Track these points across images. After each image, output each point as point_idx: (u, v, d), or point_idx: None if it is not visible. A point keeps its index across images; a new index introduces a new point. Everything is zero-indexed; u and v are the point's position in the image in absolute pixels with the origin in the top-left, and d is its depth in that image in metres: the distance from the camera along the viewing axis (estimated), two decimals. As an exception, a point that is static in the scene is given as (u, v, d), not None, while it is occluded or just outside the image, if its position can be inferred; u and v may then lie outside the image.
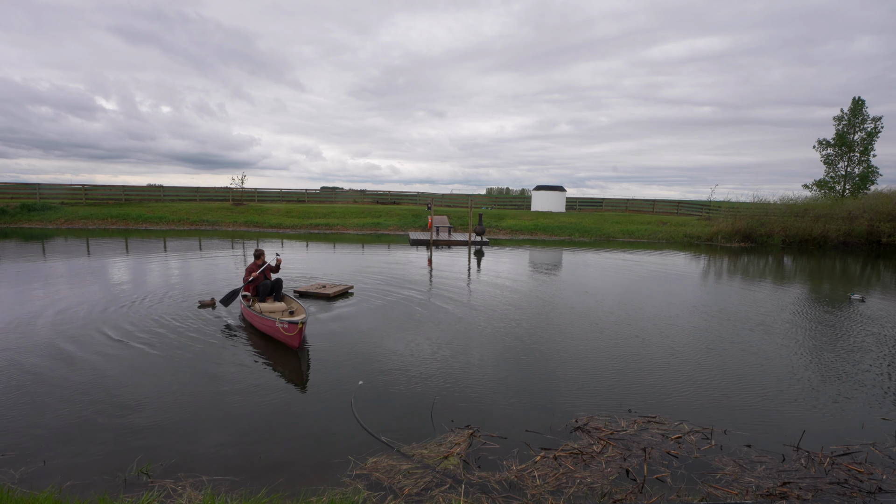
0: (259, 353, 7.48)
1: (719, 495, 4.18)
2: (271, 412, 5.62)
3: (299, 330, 7.40)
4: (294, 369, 6.92)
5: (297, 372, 6.85)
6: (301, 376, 6.69)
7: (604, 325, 9.53)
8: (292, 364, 7.12)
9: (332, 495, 4.02)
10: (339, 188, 52.10)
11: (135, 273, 14.14)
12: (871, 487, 4.33)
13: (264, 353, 7.51)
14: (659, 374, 6.99)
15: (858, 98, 35.28)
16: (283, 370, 6.86)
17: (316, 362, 7.20)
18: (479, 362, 7.32)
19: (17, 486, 4.06)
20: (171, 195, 36.46)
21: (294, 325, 7.41)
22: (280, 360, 7.24)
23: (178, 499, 3.94)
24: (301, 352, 7.57)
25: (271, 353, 7.48)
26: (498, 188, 78.58)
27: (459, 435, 5.08)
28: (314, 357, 7.40)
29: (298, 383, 6.46)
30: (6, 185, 34.78)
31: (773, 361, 7.67)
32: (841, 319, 10.59)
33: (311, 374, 6.77)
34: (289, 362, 7.17)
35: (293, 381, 6.52)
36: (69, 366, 6.77)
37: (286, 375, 6.69)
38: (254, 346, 7.79)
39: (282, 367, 6.98)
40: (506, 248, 23.62)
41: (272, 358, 7.31)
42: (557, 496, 4.13)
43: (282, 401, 5.90)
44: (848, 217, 27.24)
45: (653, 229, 30.19)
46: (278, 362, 7.14)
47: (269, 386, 6.32)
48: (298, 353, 7.48)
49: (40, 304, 10.02)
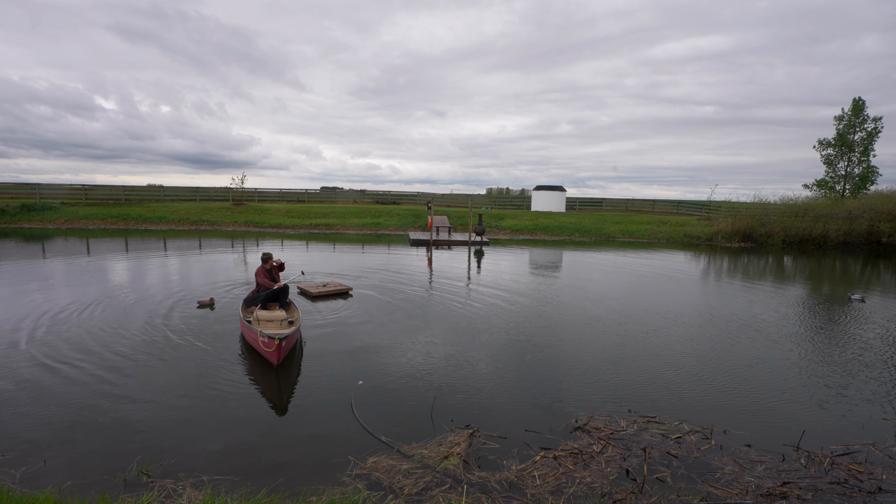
0: (260, 353, 7.46)
1: (719, 495, 4.18)
2: (271, 412, 5.62)
3: (277, 346, 6.47)
4: (295, 368, 6.91)
5: (297, 378, 6.83)
6: (281, 398, 5.98)
7: (604, 325, 9.53)
8: (293, 364, 7.10)
9: (332, 495, 4.02)
10: (339, 188, 52.11)
11: (134, 273, 14.13)
12: (871, 487, 4.33)
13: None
14: (659, 374, 6.99)
15: (859, 98, 35.31)
16: (283, 370, 6.86)
17: (316, 362, 7.19)
18: (479, 362, 7.32)
19: (17, 486, 4.06)
20: (171, 195, 36.45)
21: (271, 341, 6.49)
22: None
23: (178, 499, 3.94)
24: (281, 371, 6.66)
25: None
26: (498, 188, 78.54)
27: (459, 435, 5.08)
28: (314, 357, 7.39)
29: (298, 385, 6.46)
30: (6, 185, 34.76)
31: (772, 361, 7.67)
32: (841, 319, 10.59)
33: (311, 374, 6.76)
34: (289, 362, 7.15)
35: (294, 381, 6.51)
36: (69, 365, 6.76)
37: (287, 375, 6.69)
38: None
39: (282, 367, 6.97)
40: (506, 248, 23.62)
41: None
42: (557, 496, 4.13)
43: (282, 401, 5.90)
44: (848, 217, 27.25)
45: (653, 229, 30.18)
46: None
47: (270, 386, 6.32)
48: (277, 373, 6.60)
49: (39, 303, 10.01)
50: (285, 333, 6.67)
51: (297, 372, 6.83)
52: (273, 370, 6.69)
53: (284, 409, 5.73)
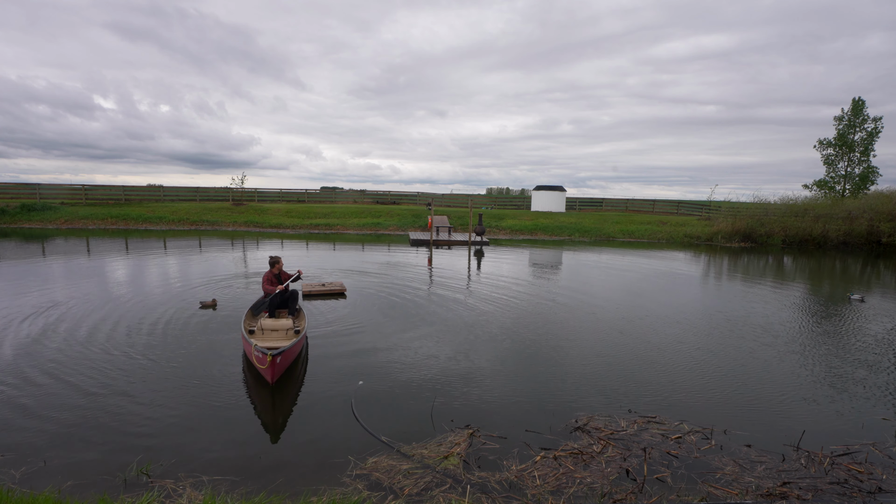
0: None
1: (719, 495, 4.18)
2: (272, 412, 5.62)
3: (271, 363, 5.83)
4: (299, 368, 6.90)
5: (297, 378, 6.82)
6: (281, 397, 5.83)
7: (603, 325, 9.53)
8: (293, 379, 7.01)
9: (332, 495, 4.02)
10: (339, 188, 52.11)
11: (135, 273, 14.14)
12: (871, 487, 4.33)
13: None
14: (659, 374, 6.99)
15: (859, 98, 35.35)
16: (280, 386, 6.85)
17: (316, 362, 7.19)
18: (480, 362, 7.32)
19: (17, 486, 4.06)
20: (171, 195, 36.44)
21: (264, 356, 5.84)
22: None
23: (178, 499, 3.94)
24: (276, 390, 6.06)
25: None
26: (498, 188, 78.57)
27: (459, 435, 5.08)
28: (314, 357, 7.39)
29: (298, 387, 6.45)
30: (6, 186, 34.75)
31: (772, 361, 7.67)
32: (840, 319, 10.59)
33: (311, 374, 6.76)
34: (289, 377, 7.13)
35: (294, 382, 6.51)
36: (69, 365, 6.76)
37: (287, 375, 6.68)
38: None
39: (279, 384, 6.95)
40: (506, 248, 23.62)
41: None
42: (557, 496, 4.13)
43: (282, 401, 5.90)
44: (848, 217, 27.25)
45: (653, 229, 30.19)
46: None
47: (270, 386, 6.31)
48: (272, 392, 6.04)
49: (39, 303, 10.01)
50: (281, 348, 6.10)
51: (296, 375, 6.81)
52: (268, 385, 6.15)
53: (285, 409, 5.72)
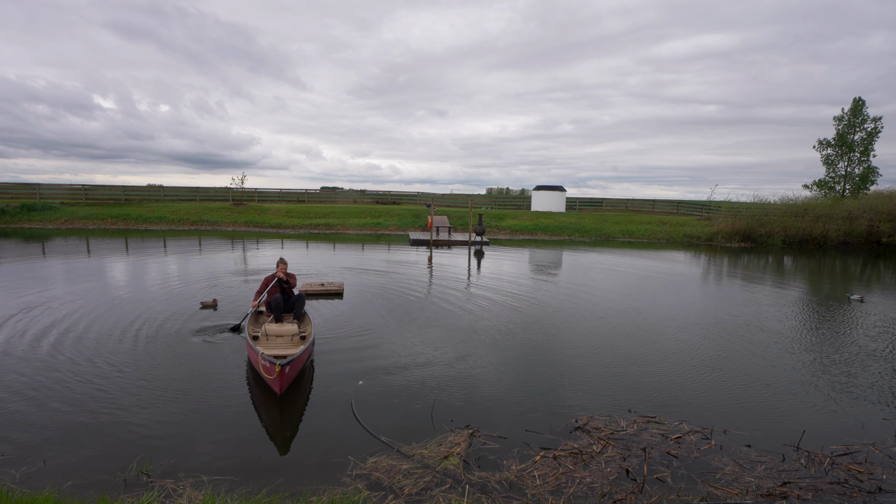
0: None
1: (719, 495, 4.18)
2: (272, 412, 5.62)
3: (279, 373, 5.49)
4: (306, 376, 6.88)
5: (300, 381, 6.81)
6: (281, 397, 5.70)
7: (603, 325, 9.53)
8: (302, 389, 6.83)
9: (332, 495, 4.02)
10: (339, 188, 52.16)
11: (135, 273, 14.14)
12: (871, 487, 4.33)
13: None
14: (659, 374, 6.99)
15: (858, 98, 35.36)
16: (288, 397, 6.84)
17: (316, 363, 7.19)
18: (479, 362, 7.32)
19: (17, 486, 4.05)
20: (171, 195, 36.45)
21: (272, 366, 5.51)
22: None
23: (178, 499, 3.94)
24: (286, 399, 5.80)
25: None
26: (498, 188, 78.64)
27: (459, 435, 5.08)
28: (314, 358, 7.39)
29: (298, 389, 6.44)
30: (6, 186, 34.77)
31: (772, 361, 7.67)
32: (840, 319, 10.59)
33: (310, 374, 6.76)
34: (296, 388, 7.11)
35: (294, 381, 6.50)
36: (69, 365, 6.76)
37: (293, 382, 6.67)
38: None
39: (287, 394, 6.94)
40: (506, 248, 23.62)
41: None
42: (557, 496, 4.13)
43: (282, 400, 5.89)
44: (848, 217, 27.26)
45: (653, 229, 30.19)
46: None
47: (279, 396, 6.31)
48: (279, 402, 5.75)
49: (39, 304, 10.01)
50: (289, 357, 5.77)
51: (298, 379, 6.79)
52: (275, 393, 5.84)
53: (285, 409, 5.72)
